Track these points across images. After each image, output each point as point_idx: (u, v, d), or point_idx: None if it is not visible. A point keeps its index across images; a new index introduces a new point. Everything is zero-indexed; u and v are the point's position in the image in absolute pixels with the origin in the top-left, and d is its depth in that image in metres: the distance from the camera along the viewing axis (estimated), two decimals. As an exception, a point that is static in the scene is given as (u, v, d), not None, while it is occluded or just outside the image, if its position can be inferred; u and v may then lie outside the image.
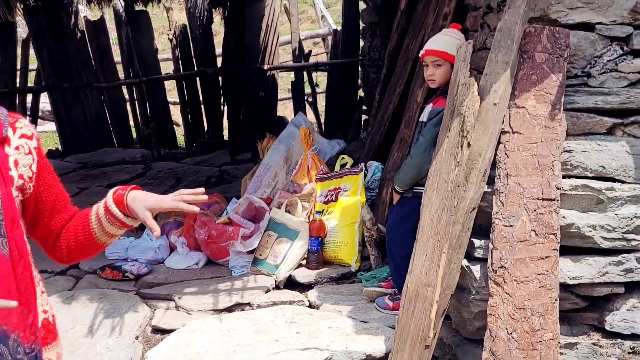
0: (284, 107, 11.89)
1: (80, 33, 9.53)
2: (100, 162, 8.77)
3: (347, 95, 9.50)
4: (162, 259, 5.38)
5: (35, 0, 9.15)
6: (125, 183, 7.81)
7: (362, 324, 4.16)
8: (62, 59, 9.38)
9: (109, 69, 9.78)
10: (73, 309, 4.41)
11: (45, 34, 9.29)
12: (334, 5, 15.38)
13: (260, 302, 4.53)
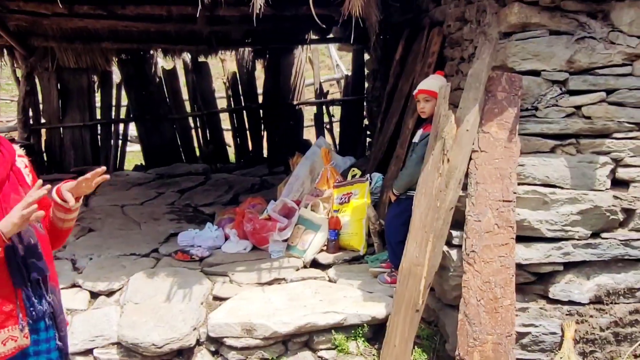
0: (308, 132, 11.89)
1: (158, 78, 9.59)
2: (172, 174, 8.79)
3: (355, 124, 9.51)
4: (219, 245, 5.39)
5: (126, 55, 9.21)
6: (190, 190, 7.90)
7: (368, 294, 4.16)
8: (145, 98, 9.44)
9: (179, 104, 9.82)
10: (155, 282, 4.43)
11: (133, 79, 9.35)
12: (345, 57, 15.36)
13: (292, 277, 4.54)
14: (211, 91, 10.06)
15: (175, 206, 6.92)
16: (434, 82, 4.12)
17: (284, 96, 9.89)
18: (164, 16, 7.44)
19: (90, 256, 5.07)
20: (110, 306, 4.16)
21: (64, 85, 8.96)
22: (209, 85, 9.99)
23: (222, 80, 11.22)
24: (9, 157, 2.10)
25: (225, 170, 9.24)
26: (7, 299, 2.01)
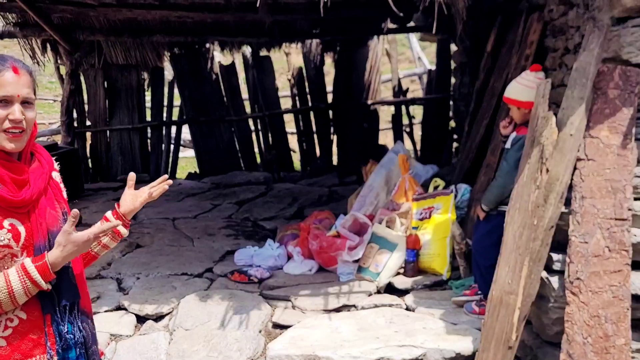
0: (384, 136, 11.91)
1: (215, 75, 9.83)
2: (230, 183, 8.96)
3: (440, 126, 9.45)
4: (281, 265, 5.46)
5: (179, 49, 9.50)
6: (250, 201, 8.05)
7: (452, 325, 4.12)
8: (200, 97, 9.70)
9: (238, 105, 10.03)
10: (208, 306, 4.53)
11: (186, 77, 9.63)
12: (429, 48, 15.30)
13: (364, 304, 4.54)
14: (274, 89, 10.22)
15: (232, 220, 7.06)
16: (518, 87, 4.04)
17: (356, 95, 9.94)
18: (222, 5, 7.64)
19: (138, 275, 5.24)
20: (158, 332, 4.29)
21: (112, 84, 9.33)
22: (272, 83, 10.16)
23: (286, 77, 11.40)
24: (48, 168, 2.20)
25: (289, 179, 9.35)
26: (35, 326, 2.09)
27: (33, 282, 2.03)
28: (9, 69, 2.07)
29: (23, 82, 2.08)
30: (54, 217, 2.16)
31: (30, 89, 2.10)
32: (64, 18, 8.12)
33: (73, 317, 2.17)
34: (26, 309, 2.09)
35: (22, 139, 2.10)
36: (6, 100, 2.05)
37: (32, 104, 2.11)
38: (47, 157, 2.24)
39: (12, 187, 2.08)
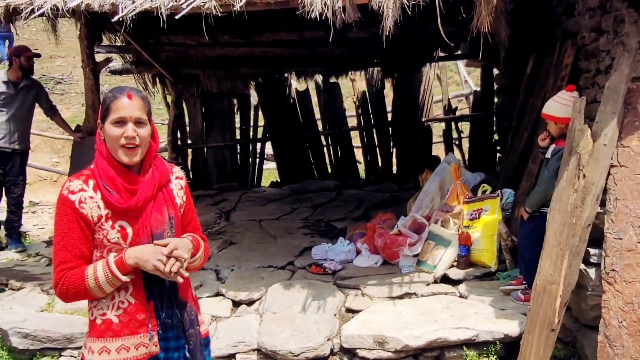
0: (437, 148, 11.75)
1: (292, 100, 9.94)
2: (306, 190, 9.01)
3: (485, 140, 9.27)
4: (351, 259, 5.47)
5: (263, 78, 9.64)
6: (323, 205, 8.07)
7: (500, 311, 4.05)
8: (280, 118, 9.81)
9: (312, 124, 10.10)
10: (291, 293, 4.58)
11: (269, 101, 9.76)
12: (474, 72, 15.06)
13: (423, 292, 4.52)
14: (342, 110, 10.25)
15: (308, 221, 7.11)
16: (554, 105, 3.96)
17: (412, 113, 9.85)
18: (297, 41, 7.72)
19: (232, 267, 5.35)
20: (250, 314, 4.36)
21: (208, 109, 9.55)
22: (340, 105, 10.19)
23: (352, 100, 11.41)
24: (159, 179, 2.25)
25: (355, 186, 9.34)
26: (141, 310, 2.20)
27: (112, 274, 2.13)
28: (125, 95, 2.19)
29: (135, 106, 2.19)
30: (159, 221, 2.22)
31: (143, 112, 2.20)
32: (169, 56, 8.37)
33: (172, 305, 2.23)
34: (135, 295, 2.20)
35: (136, 153, 2.18)
36: (122, 121, 2.16)
37: (144, 123, 2.20)
38: (162, 170, 2.28)
39: (125, 195, 2.18)
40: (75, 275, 2.13)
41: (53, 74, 16.99)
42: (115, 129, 2.16)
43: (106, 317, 2.20)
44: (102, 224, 2.17)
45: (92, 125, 6.65)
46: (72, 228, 2.15)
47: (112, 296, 2.20)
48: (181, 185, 2.38)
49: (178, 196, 2.34)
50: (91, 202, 2.17)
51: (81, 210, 2.16)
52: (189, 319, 2.27)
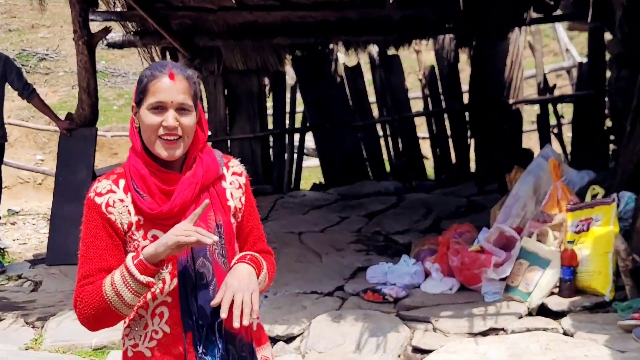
0: (528, 139, 11.61)
1: (339, 78, 9.96)
2: (357, 194, 9.01)
3: (593, 126, 9.10)
4: (418, 283, 5.45)
5: (301, 51, 9.69)
6: (380, 213, 8.07)
7: (619, 353, 3.96)
8: (324, 102, 9.84)
9: (365, 108, 10.10)
10: (341, 327, 4.58)
11: (309, 80, 9.81)
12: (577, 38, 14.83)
13: (514, 327, 4.46)
14: (403, 91, 10.23)
15: (362, 234, 7.11)
16: None
17: (496, 93, 9.75)
18: (345, 1, 7.74)
19: (265, 293, 5.38)
20: (289, 354, 4.39)
21: (232, 91, 9.65)
22: (401, 84, 10.17)
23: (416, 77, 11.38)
24: (203, 176, 2.25)
25: (422, 188, 9.30)
26: (177, 341, 2.22)
27: (129, 272, 2.11)
28: (166, 75, 2.19)
29: (179, 88, 2.19)
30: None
31: (187, 95, 2.21)
32: (182, 24, 8.48)
33: (215, 338, 2.24)
34: (170, 323, 2.23)
35: (178, 146, 2.20)
36: (161, 107, 2.18)
37: (189, 110, 2.21)
38: (209, 165, 2.28)
39: (159, 198, 2.21)
40: (94, 287, 2.16)
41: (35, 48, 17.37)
42: (153, 116, 2.19)
43: (138, 349, 2.24)
44: (132, 232, 2.22)
45: (87, 113, 6.83)
46: (98, 236, 2.20)
47: (145, 324, 2.24)
48: (239, 184, 2.37)
49: (233, 198, 2.34)
50: (121, 207, 2.22)
51: (108, 215, 2.20)
52: (240, 356, 2.27)
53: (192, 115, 2.22)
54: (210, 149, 2.33)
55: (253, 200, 2.42)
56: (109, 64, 16.93)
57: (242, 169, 2.40)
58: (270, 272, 2.38)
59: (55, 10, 16.20)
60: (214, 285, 2.24)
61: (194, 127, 2.23)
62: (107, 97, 15.24)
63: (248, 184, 2.41)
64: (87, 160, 6.73)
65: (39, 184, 11.83)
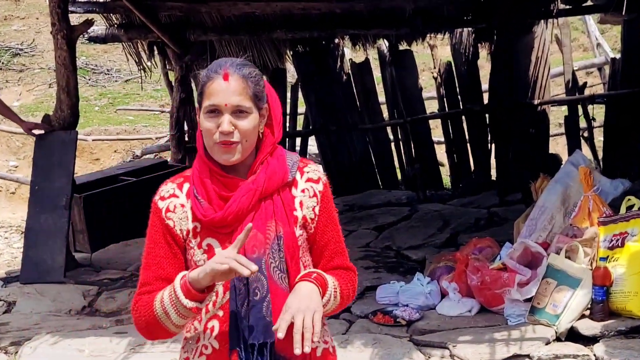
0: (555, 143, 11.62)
1: (345, 76, 9.96)
2: (366, 204, 8.99)
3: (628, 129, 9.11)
4: (433, 304, 5.43)
5: (304, 47, 9.70)
6: (391, 226, 8.07)
7: (657, 383, 3.96)
8: (329, 102, 9.84)
9: (374, 110, 10.09)
10: (349, 353, 4.56)
11: (312, 78, 9.80)
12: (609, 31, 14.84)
13: (540, 354, 4.46)
14: (417, 90, 10.22)
15: (370, 249, 7.11)
16: None
17: (519, 93, 9.76)
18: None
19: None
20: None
21: (227, 90, 9.66)
22: (414, 82, 10.16)
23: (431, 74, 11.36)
24: (266, 184, 2.28)
25: (437, 199, 9.31)
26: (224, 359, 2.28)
27: (175, 295, 2.19)
28: (220, 75, 2.25)
29: (233, 89, 2.24)
30: (259, 242, 2.26)
31: (244, 96, 2.25)
32: (172, 16, 8.50)
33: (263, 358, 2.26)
34: (219, 338, 2.29)
35: (234, 151, 2.25)
36: (216, 110, 2.24)
37: (247, 112, 2.26)
38: (274, 170, 2.31)
39: (217, 204, 2.28)
40: (148, 299, 2.26)
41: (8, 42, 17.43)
42: (209, 120, 2.26)
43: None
44: (190, 240, 2.31)
45: (66, 114, 6.85)
46: (157, 243, 2.31)
47: (198, 337, 2.32)
48: (314, 192, 2.37)
49: (304, 207, 2.34)
50: (181, 212, 2.32)
51: (167, 221, 2.31)
52: None
53: (251, 118, 2.27)
54: (282, 152, 2.36)
55: (332, 211, 2.42)
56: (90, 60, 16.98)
57: (319, 175, 2.40)
58: (345, 291, 2.38)
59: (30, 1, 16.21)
60: (267, 302, 2.25)
61: (254, 130, 2.27)
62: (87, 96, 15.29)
63: (327, 192, 2.40)
64: (66, 167, 6.74)
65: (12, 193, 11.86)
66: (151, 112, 15.27)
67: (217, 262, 2.12)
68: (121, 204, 7.81)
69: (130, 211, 7.84)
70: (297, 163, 2.36)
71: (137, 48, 9.13)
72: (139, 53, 9.17)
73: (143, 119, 14.86)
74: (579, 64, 13.45)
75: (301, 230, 2.33)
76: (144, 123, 14.49)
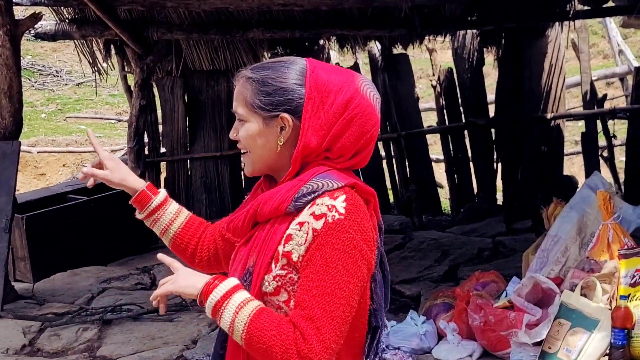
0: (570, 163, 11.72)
1: (331, 82, 10.00)
2: (353, 231, 9.00)
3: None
4: (429, 348, 5.41)
5: (283, 48, 9.72)
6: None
7: None
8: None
9: (364, 121, 10.12)
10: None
11: (293, 85, 9.83)
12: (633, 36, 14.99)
13: (551, 406, 4.46)
14: (413, 100, 10.29)
15: (358, 282, 7.10)
16: None
17: (530, 105, 9.83)
18: (341, -15, 7.81)
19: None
20: None
21: (194, 97, 9.70)
22: (410, 91, 10.23)
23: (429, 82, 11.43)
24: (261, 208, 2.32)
25: (435, 225, 9.33)
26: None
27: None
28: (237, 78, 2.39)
29: (237, 93, 2.36)
30: (236, 266, 2.38)
31: (239, 101, 2.34)
32: (133, 11, 8.53)
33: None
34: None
35: (245, 162, 2.42)
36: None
37: (243, 119, 2.34)
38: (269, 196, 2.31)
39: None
40: None
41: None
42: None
43: None
44: None
45: (8, 122, 6.84)
46: None
47: None
48: (309, 228, 2.22)
49: (292, 243, 2.24)
50: None
51: None
52: None
53: (248, 126, 2.32)
54: (306, 177, 2.28)
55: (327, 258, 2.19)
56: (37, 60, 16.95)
57: (324, 212, 2.22)
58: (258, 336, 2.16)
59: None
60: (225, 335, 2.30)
61: (252, 140, 2.32)
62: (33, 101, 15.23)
63: (328, 234, 2.20)
64: (7, 183, 6.71)
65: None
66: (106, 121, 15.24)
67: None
68: (69, 227, 7.77)
69: (80, 235, 7.81)
70: (317, 193, 2.25)
71: (91, 47, 9.14)
72: (94, 53, 9.19)
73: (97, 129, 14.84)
74: (599, 73, 13.58)
75: (284, 270, 2.24)
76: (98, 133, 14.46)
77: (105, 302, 6.72)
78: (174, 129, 9.65)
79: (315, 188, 2.24)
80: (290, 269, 2.23)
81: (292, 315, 2.18)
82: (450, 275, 7.17)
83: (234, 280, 2.25)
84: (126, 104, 11.40)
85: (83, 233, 7.85)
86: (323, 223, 2.20)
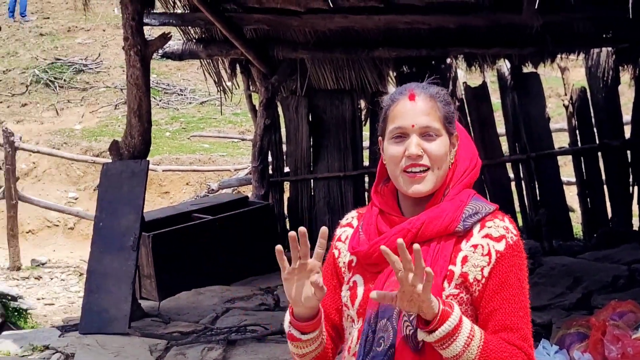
0: None
1: (458, 102, 9.94)
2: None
3: None
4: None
5: (409, 67, 9.74)
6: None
7: None
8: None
9: (491, 142, 10.02)
10: None
11: (420, 104, 9.83)
12: None
13: None
14: (544, 120, 10.15)
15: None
16: None
17: (669, 126, 9.60)
18: (470, 3, 7.75)
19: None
20: None
21: (318, 116, 9.77)
22: (540, 111, 10.10)
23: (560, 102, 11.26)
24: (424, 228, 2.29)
25: (566, 250, 9.19)
26: None
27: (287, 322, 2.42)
28: (405, 96, 2.34)
29: (420, 109, 2.32)
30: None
31: (433, 117, 2.33)
32: (258, 31, 8.68)
33: None
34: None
35: (425, 180, 2.31)
36: (402, 134, 2.33)
37: (436, 134, 2.33)
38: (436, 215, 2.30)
39: (372, 238, 2.36)
40: None
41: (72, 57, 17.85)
42: (394, 146, 2.35)
43: None
44: (345, 273, 2.48)
45: (137, 141, 6.98)
46: (325, 271, 2.45)
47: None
48: (489, 250, 2.30)
49: (469, 264, 2.29)
50: (347, 243, 2.48)
51: (333, 250, 2.52)
52: None
53: (441, 141, 2.33)
54: (465, 197, 2.35)
55: (513, 278, 2.29)
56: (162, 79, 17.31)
57: (502, 234, 2.30)
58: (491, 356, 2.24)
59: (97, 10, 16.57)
60: (389, 356, 2.26)
61: (444, 156, 2.33)
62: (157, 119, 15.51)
63: (510, 255, 2.29)
64: (135, 202, 6.85)
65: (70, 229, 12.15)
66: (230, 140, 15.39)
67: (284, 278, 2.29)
68: (194, 245, 7.91)
69: (205, 254, 7.92)
70: (480, 215, 2.33)
71: (217, 66, 9.33)
72: (219, 72, 9.38)
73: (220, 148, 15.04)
74: None
75: (457, 290, 2.28)
76: (221, 152, 14.65)
77: (229, 322, 6.81)
78: (298, 149, 9.75)
79: (477, 210, 2.32)
80: (462, 289, 2.29)
81: (509, 338, 2.25)
82: (583, 303, 7.05)
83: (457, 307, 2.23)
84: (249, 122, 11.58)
85: (207, 252, 7.96)
86: (505, 245, 2.29)
